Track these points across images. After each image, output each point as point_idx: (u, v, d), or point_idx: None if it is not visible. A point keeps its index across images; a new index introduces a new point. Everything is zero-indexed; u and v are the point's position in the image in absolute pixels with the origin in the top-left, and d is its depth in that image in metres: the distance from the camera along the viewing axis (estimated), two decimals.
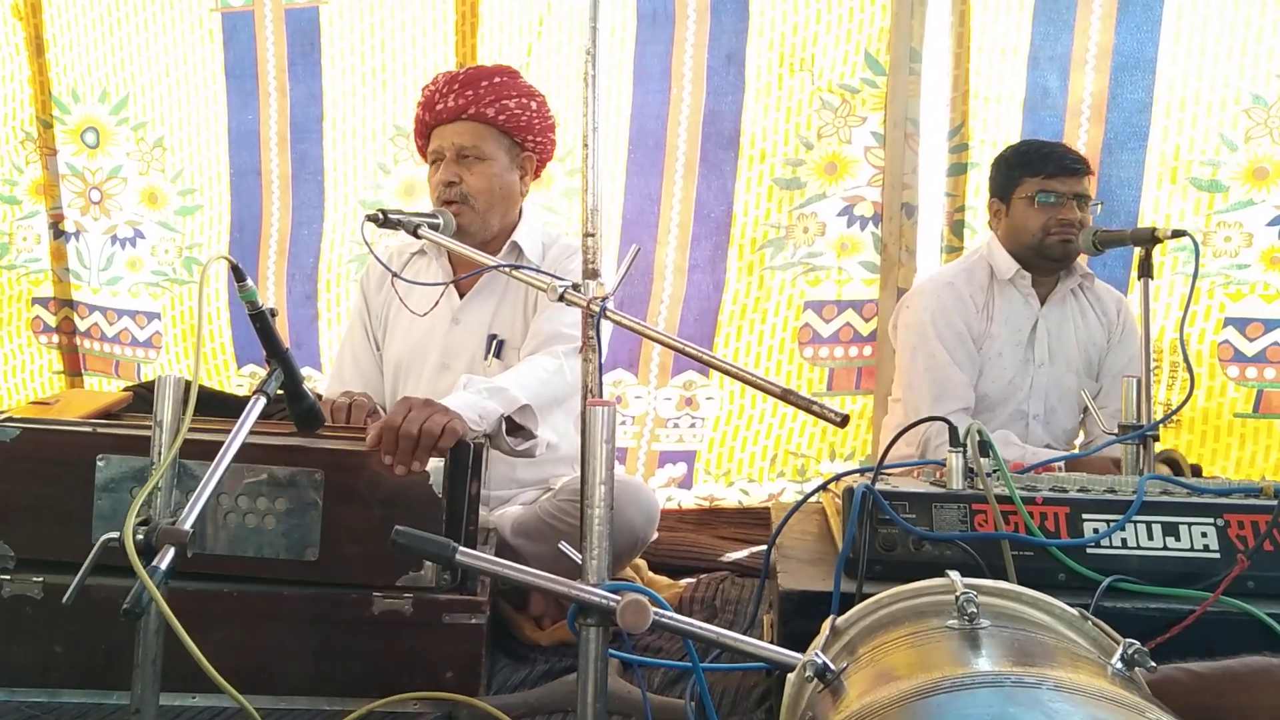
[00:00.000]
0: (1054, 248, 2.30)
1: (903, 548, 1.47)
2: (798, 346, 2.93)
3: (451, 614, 1.59)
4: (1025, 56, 2.73)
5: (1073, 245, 2.28)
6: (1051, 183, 2.30)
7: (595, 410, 1.10)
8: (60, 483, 1.61)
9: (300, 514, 1.58)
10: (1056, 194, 2.29)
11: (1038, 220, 2.31)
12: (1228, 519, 1.47)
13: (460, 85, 2.09)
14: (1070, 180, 2.30)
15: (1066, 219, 2.28)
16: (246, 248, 3.12)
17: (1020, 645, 0.86)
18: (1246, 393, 2.71)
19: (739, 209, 2.90)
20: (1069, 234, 2.27)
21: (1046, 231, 2.30)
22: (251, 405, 1.37)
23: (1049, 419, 2.38)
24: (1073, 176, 2.30)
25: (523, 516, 2.02)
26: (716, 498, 2.99)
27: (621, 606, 1.04)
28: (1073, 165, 2.31)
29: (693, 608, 2.23)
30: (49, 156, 3.23)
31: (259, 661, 1.58)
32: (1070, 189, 2.29)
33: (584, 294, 1.34)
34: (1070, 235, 2.27)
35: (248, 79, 3.06)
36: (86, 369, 3.36)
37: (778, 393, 1.23)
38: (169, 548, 1.14)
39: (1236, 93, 2.62)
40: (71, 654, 1.59)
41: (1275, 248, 2.66)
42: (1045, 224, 2.30)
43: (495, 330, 2.14)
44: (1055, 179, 2.29)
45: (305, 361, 3.10)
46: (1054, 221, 2.29)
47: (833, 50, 2.82)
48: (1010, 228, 2.36)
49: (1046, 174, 2.30)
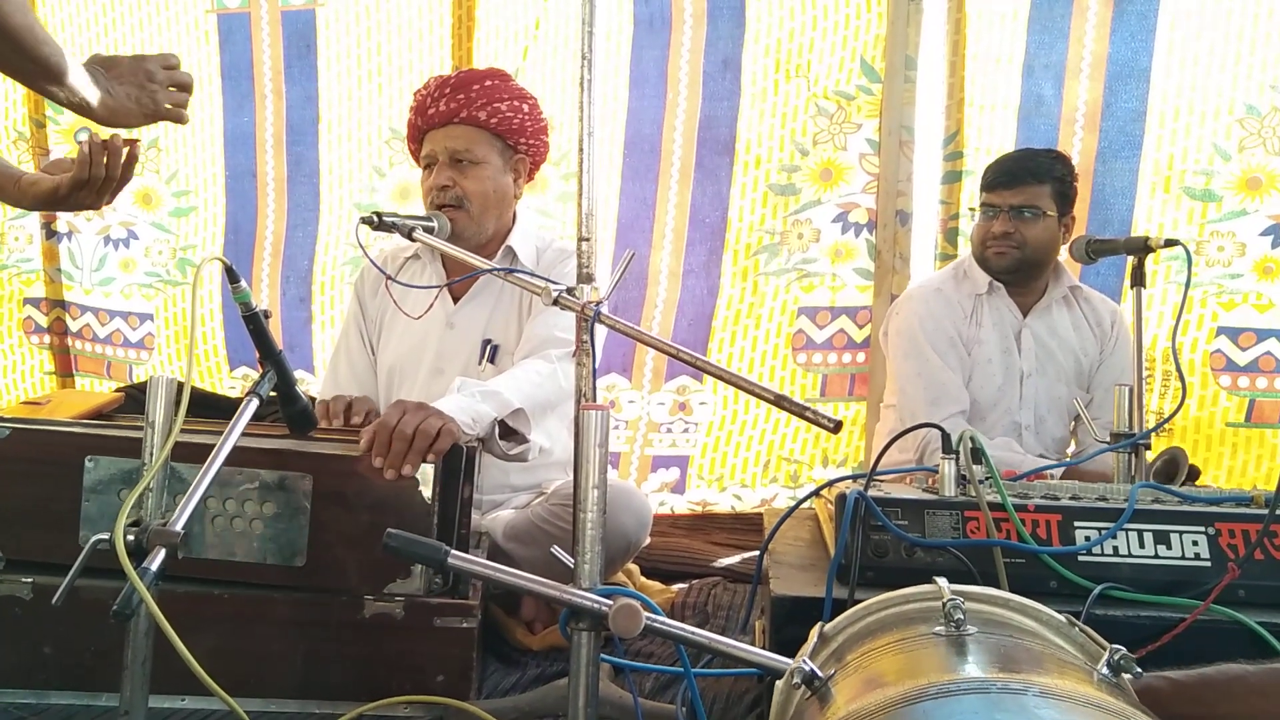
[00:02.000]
0: (990, 260, 2.33)
1: (895, 554, 1.47)
2: (791, 352, 2.93)
3: (443, 618, 1.59)
4: (1020, 65, 2.74)
5: (1009, 258, 2.29)
6: (990, 195, 2.32)
7: (589, 415, 1.10)
8: (51, 483, 1.60)
9: (289, 518, 1.58)
10: (992, 207, 2.30)
11: (977, 234, 2.36)
12: (1219, 528, 1.48)
13: (452, 89, 2.09)
14: (1005, 193, 2.29)
15: (997, 232, 2.29)
16: (241, 249, 3.12)
17: (1007, 651, 0.86)
18: (1239, 402, 2.72)
19: (734, 215, 2.90)
20: (1001, 247, 2.29)
21: (984, 244, 2.33)
22: (244, 407, 1.37)
23: (1039, 428, 2.38)
24: (1009, 189, 2.28)
25: (515, 521, 2.02)
26: (709, 503, 3.00)
27: (613, 611, 1.04)
28: (1005, 179, 2.29)
29: (685, 613, 2.23)
30: (42, 157, 3.22)
31: (249, 664, 1.57)
32: (1005, 201, 2.29)
33: (578, 298, 1.34)
34: (1003, 248, 2.28)
35: (244, 81, 3.06)
36: (78, 370, 3.35)
37: (771, 398, 1.23)
38: (160, 549, 1.13)
39: (1230, 103, 2.63)
40: (60, 655, 1.58)
41: (1268, 258, 2.67)
42: (982, 237, 2.33)
43: (490, 335, 2.14)
44: (992, 191, 2.32)
45: (298, 364, 3.09)
46: (988, 235, 2.31)
47: (828, 57, 2.83)
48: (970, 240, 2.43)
49: (985, 186, 2.34)
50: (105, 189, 1.51)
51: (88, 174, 1.49)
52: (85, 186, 1.49)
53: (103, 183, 1.50)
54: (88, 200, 1.52)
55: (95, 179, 1.49)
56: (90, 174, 1.48)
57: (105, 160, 1.49)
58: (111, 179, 1.51)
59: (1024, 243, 2.28)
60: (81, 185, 1.49)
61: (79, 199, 1.52)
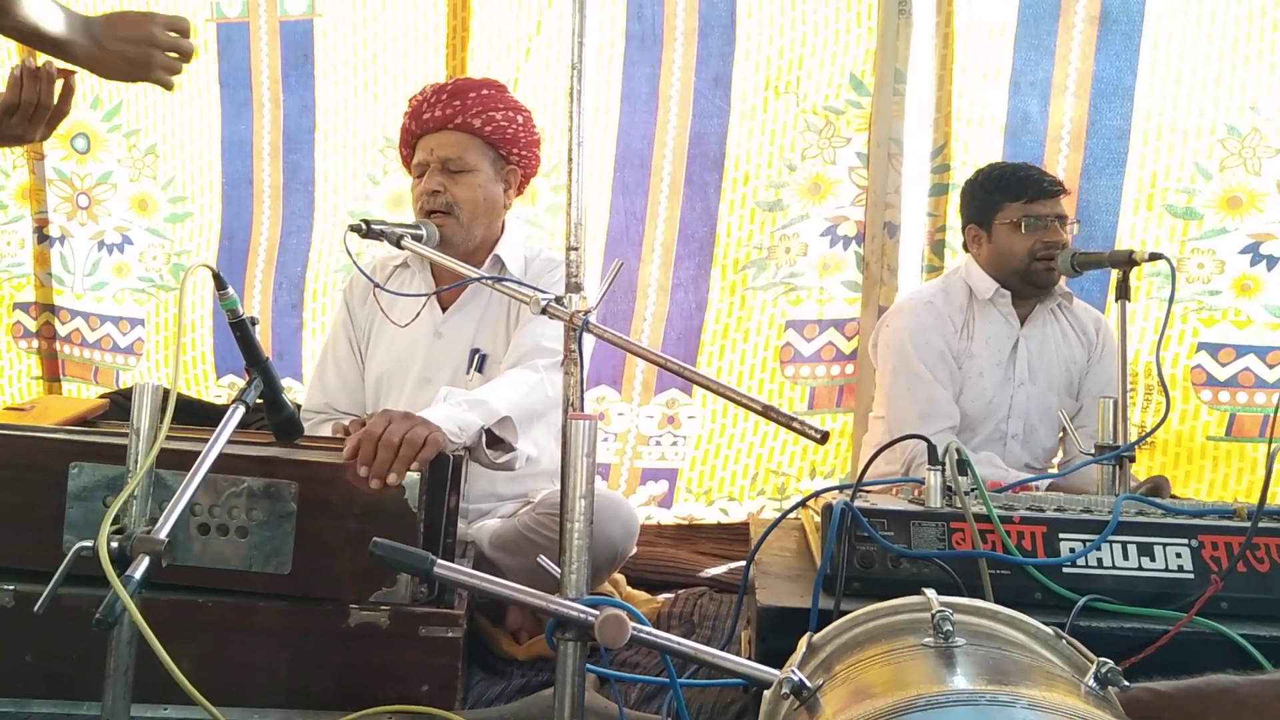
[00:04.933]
0: (1039, 273, 2.32)
1: (881, 565, 1.48)
2: (779, 365, 2.95)
3: (428, 627, 1.58)
4: (1007, 81, 2.77)
5: (1056, 268, 2.31)
6: (1034, 206, 2.32)
7: (576, 424, 1.10)
8: (34, 489, 1.59)
9: (275, 526, 1.57)
10: (1040, 217, 2.31)
11: (1024, 244, 2.32)
12: (1202, 540, 1.49)
13: (448, 95, 2.10)
14: (1051, 202, 2.33)
15: (1053, 241, 2.30)
16: (235, 256, 3.12)
17: (995, 664, 0.86)
18: (1219, 416, 2.74)
19: (722, 230, 2.92)
20: (1055, 254, 2.30)
21: (1033, 256, 2.31)
22: (230, 414, 1.36)
23: (1028, 438, 2.39)
24: (1053, 199, 2.33)
25: (501, 530, 2.01)
26: (696, 518, 3.00)
27: (600, 621, 1.04)
28: (1051, 187, 2.34)
29: (671, 623, 2.23)
30: (36, 161, 3.22)
31: (232, 673, 1.56)
32: (1053, 211, 2.32)
33: (567, 308, 1.34)
34: (1055, 256, 2.30)
35: (241, 89, 3.07)
36: (65, 375, 3.33)
37: (759, 409, 1.23)
38: (144, 557, 1.13)
39: (1212, 123, 2.67)
40: (42, 663, 1.57)
41: (1247, 275, 2.70)
42: (1032, 248, 2.31)
43: (478, 344, 2.14)
44: (1038, 202, 2.32)
45: (287, 371, 3.08)
46: (1040, 245, 2.31)
47: (817, 73, 2.85)
48: (994, 253, 2.38)
49: (1029, 198, 2.33)
50: (39, 119, 1.46)
51: (18, 99, 1.44)
52: (17, 113, 1.44)
53: (35, 110, 1.45)
54: (20, 130, 1.47)
55: (26, 105, 1.44)
56: (21, 99, 1.43)
57: (38, 88, 1.44)
58: (45, 107, 1.46)
59: (1061, 252, 2.30)
60: (12, 111, 1.44)
61: (11, 127, 1.46)
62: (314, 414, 2.20)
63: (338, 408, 2.21)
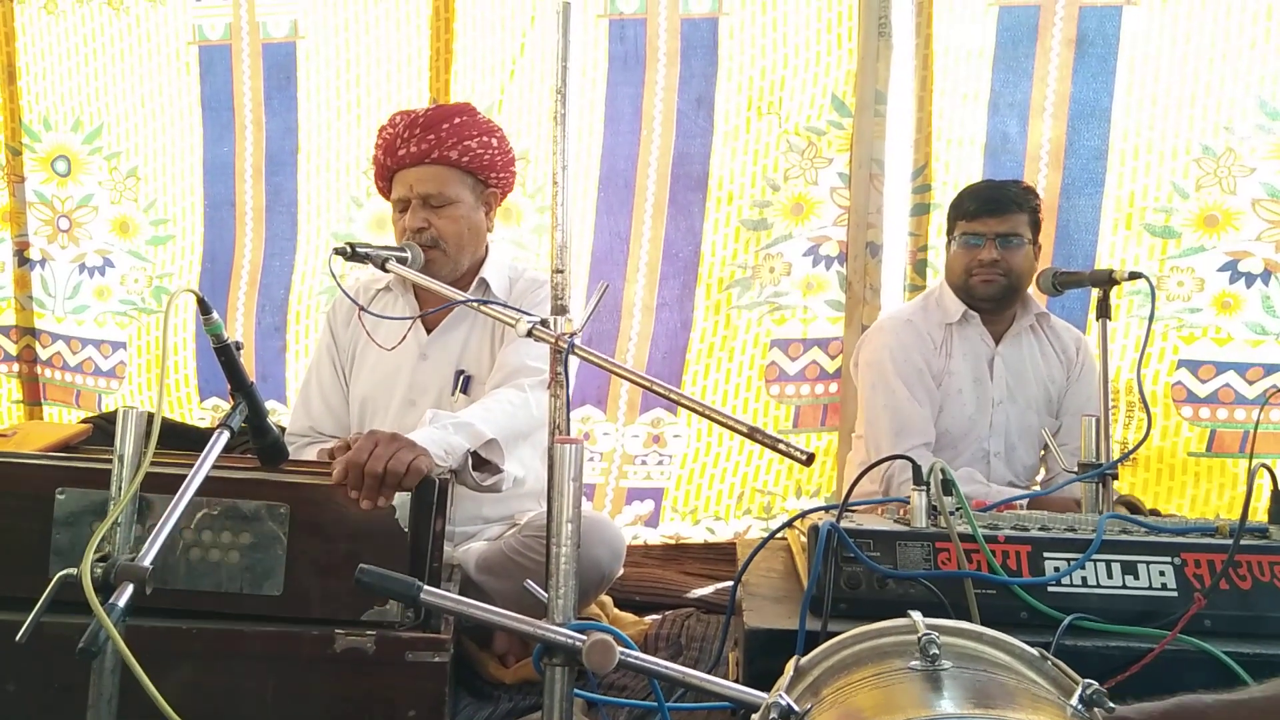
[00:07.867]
0: (976, 288, 2.34)
1: (867, 585, 1.48)
2: (764, 384, 2.96)
3: (415, 652, 1.57)
4: (986, 102, 2.81)
5: (996, 285, 2.32)
6: (973, 224, 2.34)
7: (562, 449, 1.10)
8: (17, 516, 1.57)
9: (264, 548, 1.56)
10: (976, 234, 2.33)
11: (960, 262, 2.36)
12: (1185, 558, 1.50)
13: (421, 129, 2.07)
14: (990, 220, 2.31)
15: (984, 259, 2.31)
16: (218, 278, 3.11)
17: (982, 687, 0.87)
18: (1200, 432, 2.77)
19: (706, 249, 2.93)
20: (989, 274, 2.31)
21: (968, 273, 2.34)
22: (215, 439, 1.35)
23: (1010, 456, 2.41)
24: (993, 217, 2.31)
25: (488, 553, 2.00)
26: (683, 537, 2.99)
27: (587, 646, 1.04)
28: (991, 207, 2.32)
29: (658, 645, 2.22)
30: (16, 184, 3.21)
31: (218, 701, 1.54)
32: (991, 229, 2.31)
33: (552, 330, 1.34)
34: (991, 276, 2.31)
35: (224, 111, 3.07)
36: (46, 398, 3.30)
37: (744, 430, 1.24)
38: (127, 585, 1.12)
39: (1187, 143, 2.71)
40: (24, 692, 1.55)
41: (1225, 293, 2.74)
42: (967, 265, 2.34)
43: (463, 366, 2.14)
44: (976, 220, 2.33)
45: (271, 394, 3.07)
46: (974, 263, 2.33)
47: (799, 94, 2.88)
48: (946, 269, 2.44)
49: (968, 215, 2.35)
50: None
51: None
52: None
53: None
54: None
55: None
56: None
57: None
58: None
59: (1009, 270, 2.31)
60: None
61: None
62: (298, 437, 2.19)
63: (322, 430, 2.20)
